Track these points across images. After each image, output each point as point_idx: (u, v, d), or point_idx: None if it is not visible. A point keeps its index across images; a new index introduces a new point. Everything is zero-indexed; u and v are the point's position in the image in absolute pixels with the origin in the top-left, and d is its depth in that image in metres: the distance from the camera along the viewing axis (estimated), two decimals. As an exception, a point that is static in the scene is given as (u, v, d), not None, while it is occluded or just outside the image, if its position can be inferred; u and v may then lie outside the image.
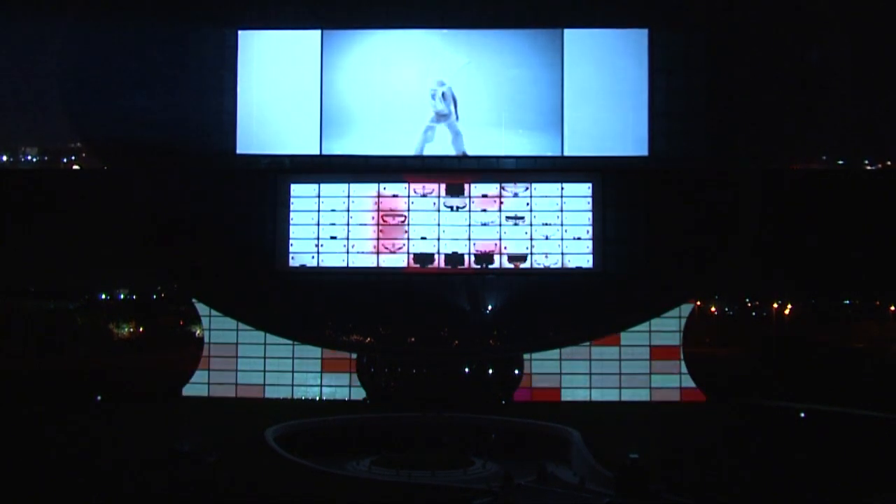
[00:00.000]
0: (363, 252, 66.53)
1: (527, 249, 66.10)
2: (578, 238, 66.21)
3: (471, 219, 66.29)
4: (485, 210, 66.26)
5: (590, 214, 66.17)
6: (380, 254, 66.29)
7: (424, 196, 66.37)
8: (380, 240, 66.27)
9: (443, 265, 66.15)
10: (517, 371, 65.62)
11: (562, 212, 66.30)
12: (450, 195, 66.31)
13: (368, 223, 66.54)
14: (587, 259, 66.10)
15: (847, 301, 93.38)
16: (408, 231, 66.30)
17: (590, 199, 66.27)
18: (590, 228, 66.14)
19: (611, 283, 65.38)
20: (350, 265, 66.52)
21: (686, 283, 65.16)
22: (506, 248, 66.13)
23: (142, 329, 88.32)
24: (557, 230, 66.04)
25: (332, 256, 66.69)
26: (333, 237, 66.74)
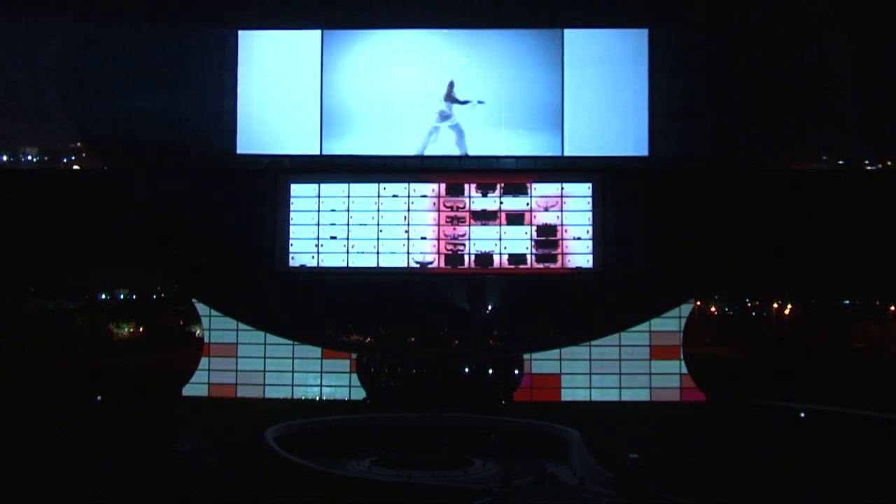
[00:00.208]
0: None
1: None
2: (578, 238, 66.23)
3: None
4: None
5: (590, 214, 66.18)
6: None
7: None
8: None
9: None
10: (517, 371, 65.65)
11: (562, 212, 66.34)
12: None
13: (369, 223, 66.51)
14: (587, 259, 66.11)
15: (847, 301, 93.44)
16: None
17: (590, 199, 66.29)
18: (590, 228, 66.15)
19: (611, 283, 65.36)
20: (350, 265, 66.53)
21: (686, 283, 65.20)
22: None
23: (142, 329, 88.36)
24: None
25: (332, 256, 66.69)
26: (333, 237, 66.75)
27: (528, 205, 66.32)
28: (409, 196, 66.63)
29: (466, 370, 65.90)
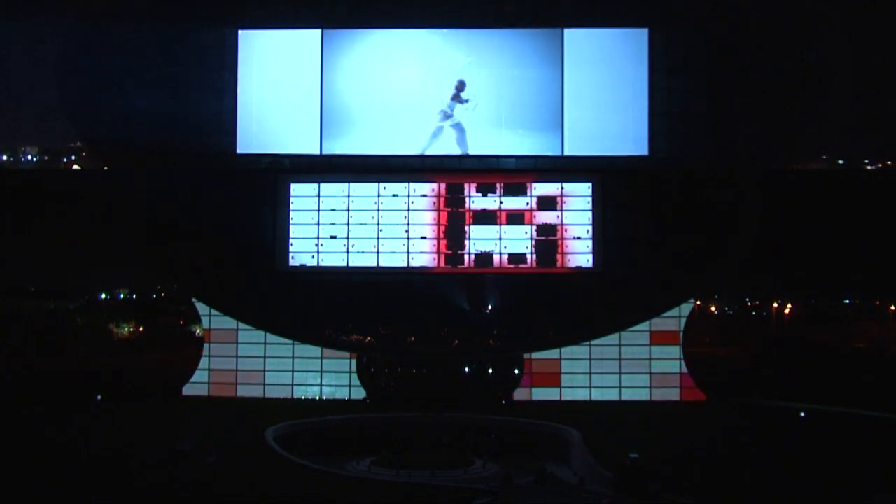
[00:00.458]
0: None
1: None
2: (578, 238, 66.22)
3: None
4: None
5: (590, 214, 66.18)
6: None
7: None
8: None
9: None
10: (517, 371, 65.66)
11: (562, 211, 66.34)
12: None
13: (369, 223, 66.50)
14: (587, 259, 66.11)
15: (847, 301, 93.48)
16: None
17: (590, 199, 66.29)
18: (590, 228, 66.14)
19: (611, 283, 65.35)
20: (350, 265, 66.53)
21: (686, 283, 65.20)
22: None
23: (142, 329, 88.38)
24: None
25: (332, 256, 66.69)
26: (333, 237, 66.75)
27: (528, 204, 66.33)
28: (409, 196, 66.64)
29: (466, 370, 65.91)
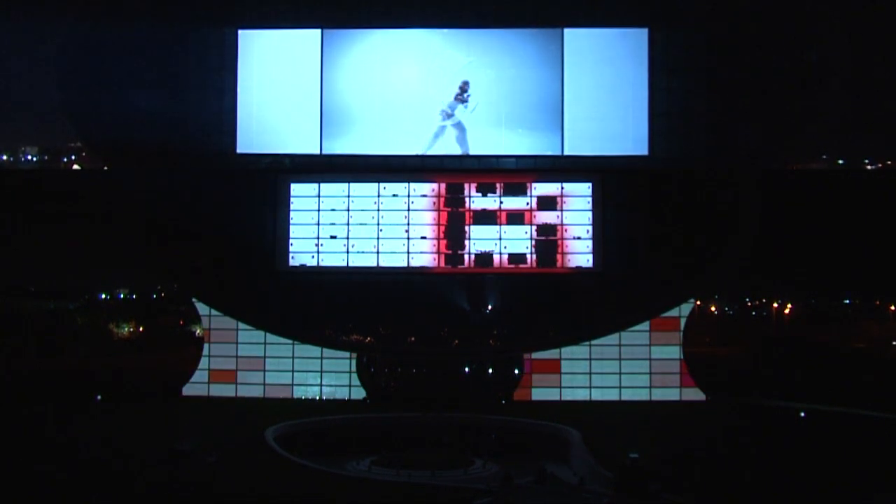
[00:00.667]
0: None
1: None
2: (578, 238, 66.22)
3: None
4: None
5: (590, 214, 66.18)
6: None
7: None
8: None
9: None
10: (517, 371, 65.66)
11: (562, 211, 66.35)
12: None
13: (369, 223, 66.47)
14: (587, 259, 66.11)
15: (847, 301, 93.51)
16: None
17: (590, 199, 66.29)
18: (590, 228, 66.14)
19: (611, 283, 65.34)
20: (350, 265, 66.53)
21: (686, 283, 65.18)
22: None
23: (142, 329, 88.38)
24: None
25: (332, 256, 66.68)
26: (333, 237, 66.74)
27: (528, 204, 66.33)
28: (409, 196, 66.64)
29: (466, 370, 65.90)
